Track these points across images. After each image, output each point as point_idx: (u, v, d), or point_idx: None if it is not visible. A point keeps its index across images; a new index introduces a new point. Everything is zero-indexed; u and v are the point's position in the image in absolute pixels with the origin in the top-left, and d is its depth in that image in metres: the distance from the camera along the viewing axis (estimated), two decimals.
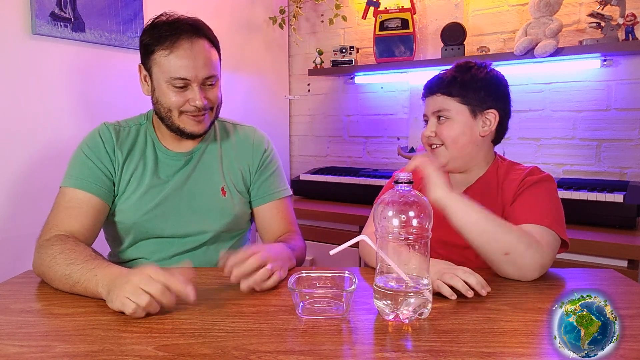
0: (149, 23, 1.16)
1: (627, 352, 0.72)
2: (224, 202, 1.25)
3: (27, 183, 1.60)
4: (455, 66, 1.22)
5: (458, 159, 1.19)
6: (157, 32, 1.13)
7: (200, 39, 1.14)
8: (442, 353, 0.72)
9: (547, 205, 1.10)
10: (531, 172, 1.17)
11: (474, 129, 1.18)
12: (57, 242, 1.03)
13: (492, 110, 1.18)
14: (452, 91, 1.17)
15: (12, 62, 1.55)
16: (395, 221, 0.83)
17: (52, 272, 0.99)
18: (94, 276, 0.92)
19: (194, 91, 1.13)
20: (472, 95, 1.17)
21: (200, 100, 1.13)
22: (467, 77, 1.18)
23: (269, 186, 1.30)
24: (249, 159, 1.30)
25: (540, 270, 1.02)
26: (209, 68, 1.14)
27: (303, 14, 2.70)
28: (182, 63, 1.11)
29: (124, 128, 1.23)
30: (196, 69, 1.12)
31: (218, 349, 0.74)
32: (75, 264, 0.96)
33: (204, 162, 1.26)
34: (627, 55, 1.94)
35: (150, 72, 1.16)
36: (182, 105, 1.14)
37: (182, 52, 1.11)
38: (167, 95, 1.14)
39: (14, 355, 0.73)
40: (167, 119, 1.17)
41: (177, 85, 1.12)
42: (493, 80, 1.20)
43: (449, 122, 1.17)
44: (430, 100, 1.21)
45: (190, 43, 1.12)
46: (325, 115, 2.78)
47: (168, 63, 1.11)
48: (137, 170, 1.20)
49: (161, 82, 1.13)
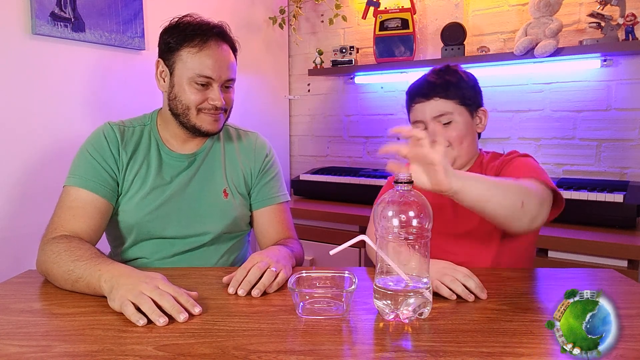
0: (173, 23, 1.20)
1: (627, 352, 0.72)
2: (225, 204, 1.25)
3: (28, 183, 1.60)
4: (438, 70, 1.24)
5: (463, 157, 1.21)
6: (185, 32, 1.16)
7: (225, 44, 1.20)
8: (442, 353, 0.72)
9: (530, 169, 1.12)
10: (510, 153, 1.23)
11: (473, 127, 1.23)
12: (62, 241, 1.04)
13: (482, 108, 1.25)
14: (450, 94, 1.19)
15: (12, 62, 1.55)
16: (395, 221, 0.83)
17: (56, 268, 0.99)
18: (98, 271, 0.93)
19: (214, 91, 1.17)
20: (466, 95, 1.21)
21: (220, 100, 1.17)
22: (457, 79, 1.21)
23: (268, 190, 1.32)
24: (251, 162, 1.31)
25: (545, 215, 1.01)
26: (231, 71, 1.20)
27: (303, 14, 2.70)
28: (209, 62, 1.15)
29: (129, 128, 1.24)
30: (221, 69, 1.16)
31: (218, 349, 0.74)
32: (80, 260, 0.97)
33: (207, 165, 1.27)
34: (627, 55, 1.94)
35: (171, 68, 1.18)
36: (201, 103, 1.17)
37: (211, 52, 1.15)
38: (187, 92, 1.16)
39: (14, 355, 0.73)
40: (183, 115, 1.19)
41: (200, 83, 1.15)
42: (474, 81, 1.26)
43: (453, 124, 1.19)
44: (427, 105, 1.20)
45: (218, 46, 1.17)
46: (325, 115, 2.78)
47: (195, 60, 1.15)
48: (141, 170, 1.21)
49: (183, 79, 1.16)
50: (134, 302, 0.83)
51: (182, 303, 0.86)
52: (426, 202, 0.85)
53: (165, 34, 1.19)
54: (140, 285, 0.86)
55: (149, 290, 0.85)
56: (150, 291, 0.85)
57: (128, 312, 0.83)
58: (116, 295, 0.86)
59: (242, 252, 1.34)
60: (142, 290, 0.85)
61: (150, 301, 0.83)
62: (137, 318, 0.82)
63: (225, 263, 1.28)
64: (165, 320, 0.81)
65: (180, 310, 0.83)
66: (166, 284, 0.88)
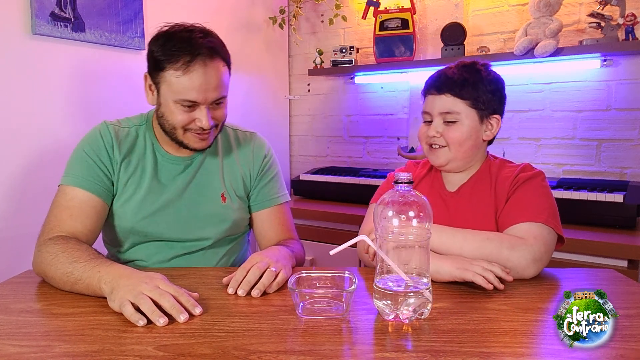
0: (162, 32, 1.12)
1: (627, 352, 0.72)
2: (224, 208, 1.24)
3: (27, 183, 1.60)
4: (461, 66, 1.18)
5: (459, 161, 1.19)
6: (170, 49, 1.08)
7: (214, 60, 1.10)
8: (442, 353, 0.72)
9: (540, 201, 1.12)
10: (523, 169, 1.18)
11: (479, 133, 1.17)
12: (59, 241, 1.03)
13: (496, 115, 1.18)
14: (464, 93, 1.14)
15: (12, 62, 1.55)
16: (395, 221, 0.83)
17: (53, 270, 0.98)
18: (97, 273, 0.92)
19: (202, 112, 1.11)
20: (481, 99, 1.15)
21: (207, 122, 1.11)
22: (477, 79, 1.15)
23: (268, 192, 1.30)
24: (250, 164, 1.30)
25: (534, 266, 1.03)
26: (219, 90, 1.12)
27: (303, 14, 2.70)
28: (194, 86, 1.07)
29: (124, 128, 1.22)
30: (207, 92, 1.09)
31: (218, 349, 0.74)
32: (79, 262, 0.96)
33: (204, 169, 1.25)
34: (627, 55, 1.94)
35: (158, 86, 1.13)
36: (188, 124, 1.12)
37: (195, 75, 1.07)
38: (173, 113, 1.11)
39: (14, 355, 0.73)
40: (170, 133, 1.15)
41: (185, 105, 1.10)
42: (499, 84, 1.19)
43: (457, 125, 1.15)
44: (437, 99, 1.17)
45: (204, 67, 1.08)
46: (325, 115, 2.78)
47: (179, 84, 1.08)
48: (136, 172, 1.19)
49: (169, 99, 1.11)
50: (134, 303, 0.83)
51: (183, 303, 0.86)
52: (426, 202, 0.85)
53: (153, 44, 1.11)
54: (140, 285, 0.86)
55: (148, 290, 0.85)
56: (150, 291, 0.85)
57: (127, 312, 0.83)
58: (116, 297, 0.85)
59: (241, 253, 1.34)
60: (142, 291, 0.85)
61: (149, 301, 0.83)
62: (137, 318, 0.82)
63: (225, 264, 1.28)
64: (165, 321, 0.81)
65: (180, 311, 0.83)
66: (167, 283, 0.88)
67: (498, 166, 1.21)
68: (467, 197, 1.20)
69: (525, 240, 1.04)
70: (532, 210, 1.09)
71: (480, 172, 1.21)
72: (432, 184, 1.26)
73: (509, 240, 1.04)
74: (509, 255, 1.02)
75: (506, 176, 1.18)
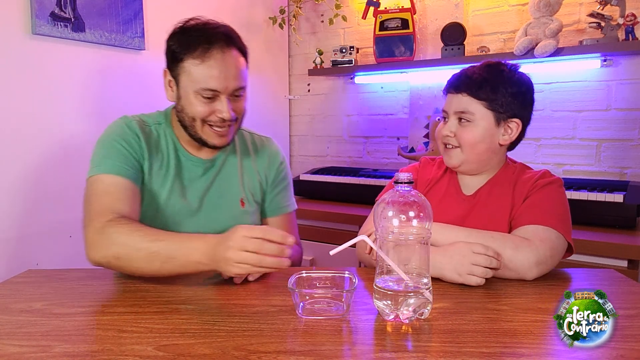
0: (178, 28, 1.13)
1: (627, 352, 0.72)
2: (242, 213, 1.24)
3: (28, 183, 1.60)
4: (485, 65, 1.16)
5: (472, 163, 1.17)
6: (188, 40, 1.09)
7: (232, 49, 1.11)
8: (442, 353, 0.72)
9: (553, 206, 1.10)
10: (543, 175, 1.16)
11: (494, 137, 1.14)
12: (122, 222, 0.99)
13: (515, 119, 1.14)
14: (481, 94, 1.11)
15: (12, 62, 1.55)
16: (395, 221, 0.83)
17: (133, 251, 0.94)
18: (191, 249, 0.92)
19: (222, 103, 1.10)
20: (500, 101, 1.12)
21: (228, 113, 1.10)
22: (498, 81, 1.12)
23: (280, 200, 1.32)
24: (266, 170, 1.30)
25: (537, 268, 1.02)
26: (239, 79, 1.12)
27: (303, 14, 2.70)
28: (214, 74, 1.07)
29: (147, 125, 1.19)
30: (227, 80, 1.09)
31: (218, 349, 0.74)
32: (159, 240, 0.94)
33: (224, 173, 1.24)
34: (627, 55, 1.94)
35: (177, 79, 1.12)
36: (208, 115, 1.11)
37: (214, 63, 1.07)
38: (193, 104, 1.10)
39: (14, 355, 0.73)
40: (190, 127, 1.14)
41: (206, 96, 1.09)
42: (522, 87, 1.15)
43: (471, 125, 1.13)
44: (455, 98, 1.15)
45: (222, 53, 1.08)
46: (325, 115, 2.78)
47: (198, 73, 1.08)
48: (161, 169, 1.17)
49: (189, 91, 1.10)
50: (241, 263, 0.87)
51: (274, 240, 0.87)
52: (426, 202, 0.85)
53: (170, 40, 1.12)
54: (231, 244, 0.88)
55: (240, 243, 0.87)
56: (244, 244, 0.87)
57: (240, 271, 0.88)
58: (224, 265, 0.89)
59: None
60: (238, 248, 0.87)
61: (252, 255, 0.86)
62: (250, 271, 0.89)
63: None
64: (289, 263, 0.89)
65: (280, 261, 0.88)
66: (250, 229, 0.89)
67: (518, 171, 1.19)
68: (483, 202, 1.17)
69: (531, 242, 1.03)
70: (542, 214, 1.08)
71: (498, 177, 1.19)
72: (448, 186, 1.24)
73: (513, 240, 1.03)
74: (512, 255, 1.01)
75: (525, 182, 1.15)
